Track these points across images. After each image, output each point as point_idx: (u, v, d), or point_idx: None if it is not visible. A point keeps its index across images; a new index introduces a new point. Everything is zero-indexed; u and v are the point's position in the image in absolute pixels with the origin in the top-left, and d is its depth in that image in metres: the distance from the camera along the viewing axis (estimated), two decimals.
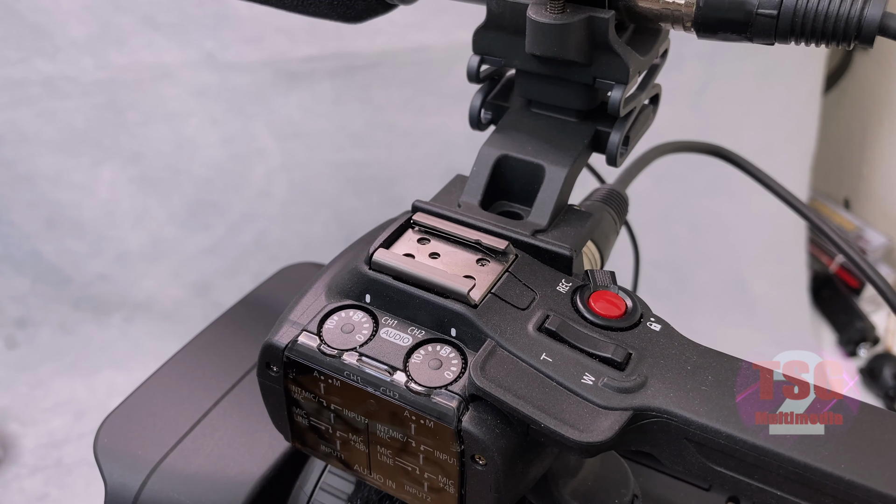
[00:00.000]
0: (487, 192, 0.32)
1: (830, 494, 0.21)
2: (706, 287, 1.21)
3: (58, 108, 1.01)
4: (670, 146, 0.48)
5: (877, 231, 1.27)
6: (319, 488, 0.38)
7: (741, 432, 0.22)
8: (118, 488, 0.40)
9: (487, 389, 0.23)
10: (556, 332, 0.25)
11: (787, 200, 0.46)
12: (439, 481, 0.26)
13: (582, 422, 0.23)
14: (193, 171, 1.07)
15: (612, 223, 0.36)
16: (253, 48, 1.01)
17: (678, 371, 0.24)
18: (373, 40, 1.03)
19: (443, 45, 1.02)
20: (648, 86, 0.33)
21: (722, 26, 0.28)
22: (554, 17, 0.29)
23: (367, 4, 0.34)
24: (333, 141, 1.08)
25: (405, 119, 1.08)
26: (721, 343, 0.26)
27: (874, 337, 1.19)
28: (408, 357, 0.26)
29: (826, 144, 1.25)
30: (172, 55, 1.01)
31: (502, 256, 0.28)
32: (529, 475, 0.26)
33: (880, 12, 0.25)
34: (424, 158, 1.10)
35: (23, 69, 0.98)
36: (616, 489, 0.31)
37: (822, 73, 1.17)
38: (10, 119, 1.01)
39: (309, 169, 1.09)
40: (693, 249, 1.21)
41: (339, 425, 0.28)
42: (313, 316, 0.27)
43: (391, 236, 0.29)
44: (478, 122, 0.35)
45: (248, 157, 1.08)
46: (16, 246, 1.08)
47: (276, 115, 1.06)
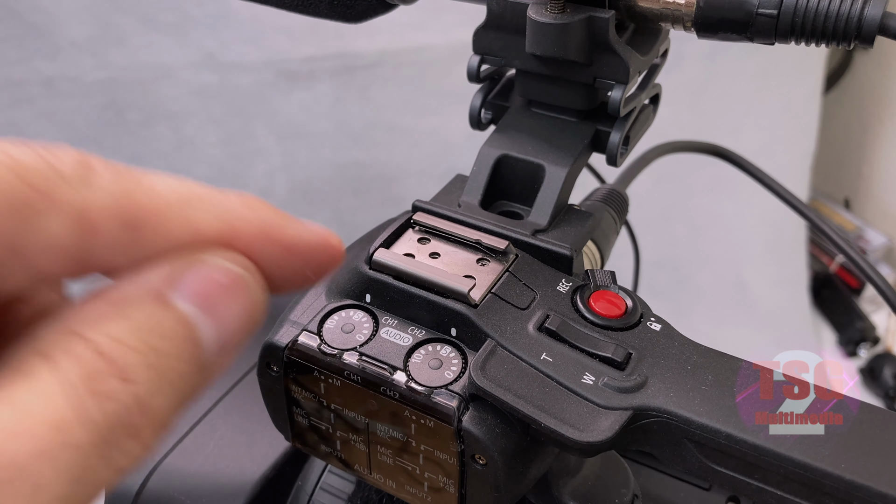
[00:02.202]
0: (487, 191, 0.32)
1: (830, 494, 0.21)
2: (706, 287, 1.21)
3: (58, 108, 1.01)
4: (670, 146, 0.48)
5: (877, 231, 1.27)
6: (319, 488, 0.38)
7: (741, 432, 0.22)
8: (118, 487, 0.40)
9: (487, 389, 0.23)
10: (557, 332, 0.25)
11: (787, 200, 0.46)
12: (439, 481, 0.26)
13: (582, 421, 0.23)
14: (193, 171, 1.07)
15: (612, 223, 0.36)
16: (253, 48, 1.01)
17: (678, 371, 0.24)
18: (373, 40, 1.03)
19: (443, 45, 1.02)
20: (648, 86, 0.33)
21: (722, 26, 0.28)
22: (554, 16, 0.29)
23: (367, 4, 0.34)
24: (333, 141, 1.08)
25: (405, 119, 1.08)
26: (721, 343, 0.26)
27: (874, 337, 1.19)
28: (408, 357, 0.26)
29: (826, 144, 1.25)
30: (172, 55, 1.01)
31: (502, 256, 0.28)
32: (529, 475, 0.26)
33: (880, 12, 0.25)
34: (424, 158, 1.10)
35: (23, 69, 0.98)
36: (616, 489, 0.31)
37: (822, 73, 1.17)
38: (10, 119, 1.01)
39: (309, 169, 1.09)
40: (693, 249, 1.21)
41: (340, 425, 0.28)
42: (313, 316, 0.27)
43: (391, 236, 0.29)
44: (478, 122, 0.35)
45: (248, 157, 1.08)
46: None
47: (276, 115, 1.06)
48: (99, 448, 0.14)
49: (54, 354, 0.15)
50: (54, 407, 0.14)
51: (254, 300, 0.18)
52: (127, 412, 0.15)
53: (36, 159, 0.16)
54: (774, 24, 0.27)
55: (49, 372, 0.14)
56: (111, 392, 0.15)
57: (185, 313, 0.17)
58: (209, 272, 0.17)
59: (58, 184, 0.16)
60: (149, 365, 0.16)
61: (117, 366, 0.15)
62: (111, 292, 0.16)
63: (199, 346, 0.17)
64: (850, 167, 1.33)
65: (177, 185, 0.18)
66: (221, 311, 0.17)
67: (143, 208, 0.17)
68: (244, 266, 0.18)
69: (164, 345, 0.16)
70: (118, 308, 0.16)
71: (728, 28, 0.27)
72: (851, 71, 1.30)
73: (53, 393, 0.14)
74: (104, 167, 0.17)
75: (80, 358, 0.15)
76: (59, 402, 0.14)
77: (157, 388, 0.16)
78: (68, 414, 0.14)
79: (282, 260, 0.19)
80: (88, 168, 0.17)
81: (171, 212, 0.17)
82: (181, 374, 0.16)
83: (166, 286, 0.17)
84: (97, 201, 0.16)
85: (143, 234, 0.17)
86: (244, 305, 0.18)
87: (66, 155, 0.16)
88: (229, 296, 0.18)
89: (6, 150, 0.15)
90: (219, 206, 0.18)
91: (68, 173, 0.16)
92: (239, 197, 0.19)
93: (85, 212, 0.16)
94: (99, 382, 0.15)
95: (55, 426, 0.14)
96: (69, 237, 0.16)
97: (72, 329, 0.15)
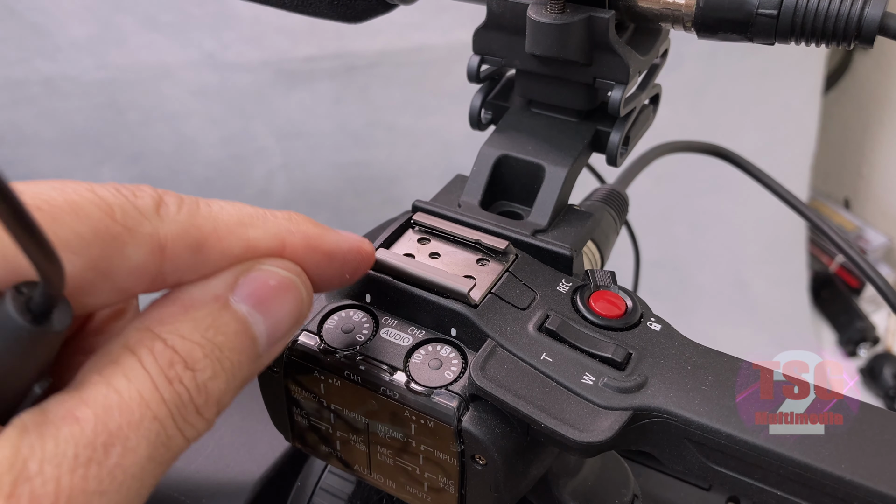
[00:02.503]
0: (487, 191, 0.32)
1: (830, 494, 0.21)
2: (706, 287, 1.21)
3: (58, 108, 1.01)
4: (670, 146, 0.48)
5: (877, 231, 1.27)
6: (319, 488, 0.38)
7: (741, 432, 0.22)
8: None
9: (487, 389, 0.23)
10: (557, 332, 0.25)
11: (787, 200, 0.46)
12: (439, 481, 0.26)
13: (582, 421, 0.23)
14: (193, 171, 1.07)
15: (612, 223, 0.36)
16: (253, 48, 1.01)
17: (678, 371, 0.24)
18: (373, 40, 1.03)
19: (443, 45, 1.02)
20: (648, 86, 0.33)
21: (722, 26, 0.28)
22: (554, 16, 0.29)
23: (368, 4, 0.34)
24: (333, 141, 1.08)
25: (405, 119, 1.08)
26: (721, 343, 0.26)
27: (874, 337, 1.19)
28: (408, 357, 0.26)
29: (826, 144, 1.25)
30: (172, 55, 1.01)
31: (502, 256, 0.28)
32: (529, 475, 0.26)
33: (880, 12, 0.25)
34: (424, 158, 1.10)
35: (23, 69, 0.98)
36: (616, 489, 0.31)
37: (822, 73, 1.17)
38: (10, 119, 1.01)
39: (309, 169, 1.09)
40: (693, 249, 1.21)
41: (340, 425, 0.28)
42: (313, 316, 0.27)
43: (391, 236, 0.29)
44: (478, 122, 0.35)
45: (248, 157, 1.08)
46: None
47: (276, 115, 1.06)
48: (173, 420, 0.19)
49: (138, 349, 0.19)
50: (140, 389, 0.18)
51: (300, 299, 0.22)
52: (191, 393, 0.19)
53: (119, 198, 0.19)
54: (774, 25, 0.26)
55: (135, 363, 0.19)
56: (180, 378, 0.19)
57: (241, 312, 0.21)
58: (262, 277, 0.21)
59: (137, 218, 0.19)
60: (208, 356, 0.19)
61: (184, 357, 0.19)
62: (182, 296, 0.20)
63: (253, 339, 0.21)
64: (850, 167, 1.34)
65: (233, 209, 0.22)
66: (272, 308, 0.21)
67: (205, 233, 0.21)
68: (292, 270, 0.22)
69: (221, 339, 0.20)
70: (186, 310, 0.20)
71: (728, 28, 0.27)
72: (851, 71, 1.30)
73: (139, 378, 0.18)
74: (173, 200, 0.20)
75: (157, 352, 0.19)
76: (143, 385, 0.18)
77: (214, 374, 0.20)
78: (150, 394, 0.18)
79: (324, 265, 0.23)
80: (161, 203, 0.20)
81: (229, 233, 0.21)
82: (236, 362, 0.20)
83: (226, 290, 0.21)
84: (169, 231, 0.20)
85: (207, 253, 0.21)
86: (292, 304, 0.22)
87: (143, 192, 0.20)
88: (279, 296, 0.21)
89: (94, 190, 0.19)
90: (269, 224, 0.22)
91: (145, 208, 0.20)
92: (285, 215, 0.23)
93: (159, 240, 0.20)
94: (170, 370, 0.19)
95: (142, 403, 0.18)
96: (147, 262, 0.19)
97: (150, 328, 0.19)
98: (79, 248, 0.18)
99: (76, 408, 0.17)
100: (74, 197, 0.18)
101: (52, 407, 0.17)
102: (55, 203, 0.18)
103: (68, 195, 0.18)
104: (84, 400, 0.18)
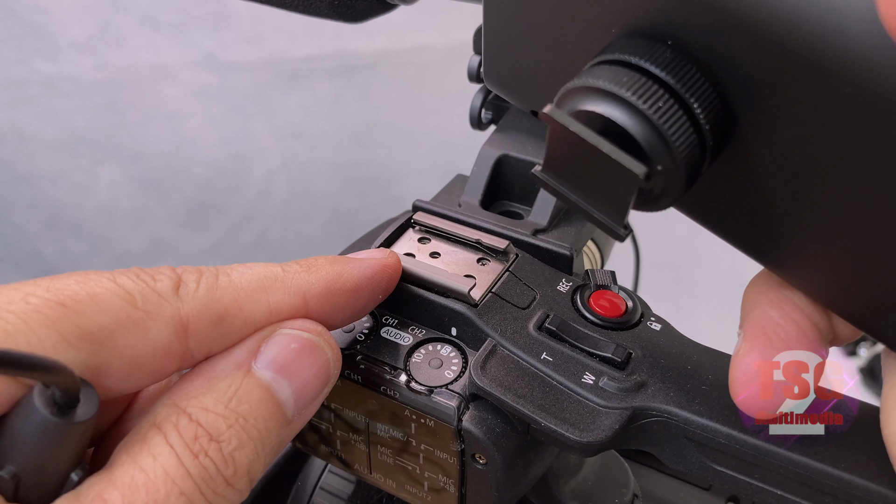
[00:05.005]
0: (488, 191, 0.32)
1: (830, 494, 0.21)
2: (706, 287, 1.21)
3: (58, 108, 1.01)
4: None
5: None
6: (319, 488, 0.38)
7: (741, 432, 0.22)
8: None
9: (488, 389, 0.23)
10: (557, 332, 0.25)
11: None
12: (439, 481, 0.26)
13: (582, 421, 0.23)
14: (193, 171, 1.07)
15: None
16: (253, 48, 1.01)
17: (678, 370, 0.24)
18: (373, 40, 1.03)
19: (443, 45, 1.02)
20: None
21: None
22: None
23: (368, 4, 0.34)
24: (333, 141, 1.08)
25: (405, 119, 1.08)
26: (721, 343, 0.26)
27: None
28: (408, 356, 0.26)
29: None
30: (172, 55, 1.01)
31: (503, 256, 0.28)
32: (529, 474, 0.26)
33: None
34: (424, 158, 1.10)
35: (23, 69, 0.98)
36: (616, 489, 0.31)
37: None
38: (10, 119, 1.01)
39: (309, 169, 1.09)
40: (693, 249, 1.21)
41: (340, 425, 0.28)
42: None
43: (392, 236, 0.29)
44: (478, 122, 0.35)
45: (248, 157, 1.08)
46: (16, 246, 1.08)
47: (276, 115, 1.06)
48: (201, 494, 0.19)
49: (164, 426, 0.19)
50: (165, 466, 0.18)
51: (325, 359, 0.22)
52: (218, 465, 0.19)
53: (139, 284, 0.20)
54: None
55: (160, 440, 0.19)
56: (205, 451, 0.19)
57: (264, 379, 0.21)
58: (283, 341, 0.22)
59: (158, 302, 0.20)
60: (232, 426, 0.20)
61: (208, 430, 0.19)
62: (207, 368, 0.21)
63: (279, 405, 0.21)
64: None
65: (252, 274, 0.22)
66: (297, 372, 0.21)
67: (225, 305, 0.21)
68: (314, 331, 0.22)
69: (245, 408, 0.20)
70: (210, 381, 0.20)
71: None
72: None
73: (164, 455, 0.19)
74: (192, 278, 0.21)
75: (182, 427, 0.19)
76: (168, 462, 0.19)
77: (241, 444, 0.20)
78: (175, 470, 0.18)
79: (351, 302, 0.24)
80: (180, 282, 0.21)
81: (249, 300, 0.21)
82: (263, 430, 0.20)
83: (248, 358, 0.21)
84: (190, 310, 0.20)
85: (230, 324, 0.21)
86: (317, 364, 0.22)
87: (162, 275, 0.20)
88: (302, 358, 0.22)
89: (113, 279, 0.20)
90: (288, 283, 0.22)
91: (164, 291, 0.20)
92: (304, 265, 0.23)
93: (181, 320, 0.20)
94: (195, 444, 0.19)
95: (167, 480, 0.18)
96: (172, 342, 0.20)
97: (176, 403, 0.20)
98: (103, 338, 0.19)
99: (105, 490, 0.18)
100: (97, 289, 0.19)
101: (84, 490, 0.18)
102: (78, 298, 0.19)
103: (90, 288, 0.19)
104: (112, 481, 0.18)
